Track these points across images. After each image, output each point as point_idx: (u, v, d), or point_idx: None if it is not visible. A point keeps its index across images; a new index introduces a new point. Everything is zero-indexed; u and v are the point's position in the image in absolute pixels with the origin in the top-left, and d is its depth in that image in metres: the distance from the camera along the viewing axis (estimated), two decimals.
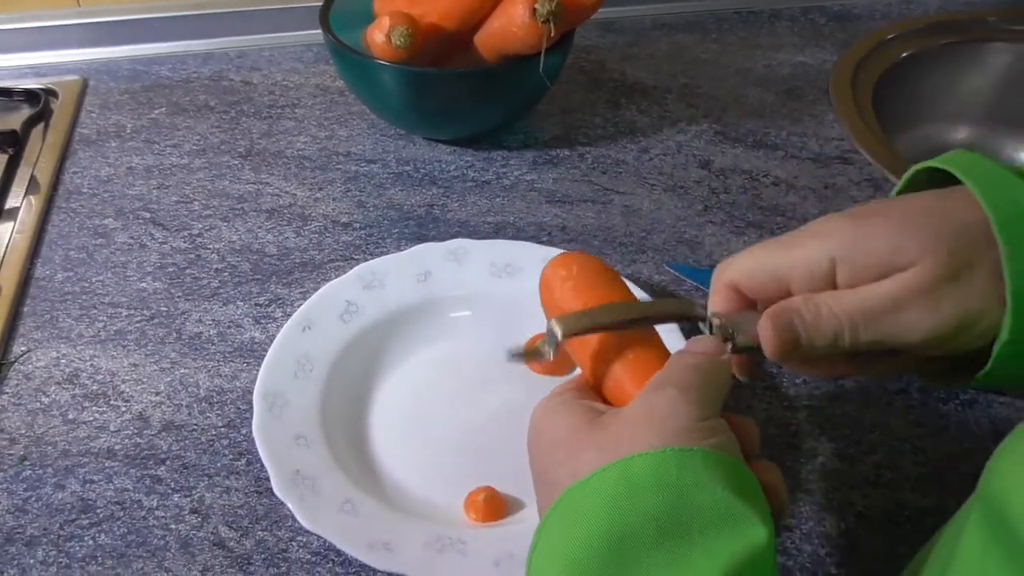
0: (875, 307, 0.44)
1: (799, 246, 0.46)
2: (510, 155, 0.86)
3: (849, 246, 0.45)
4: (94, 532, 0.58)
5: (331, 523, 0.55)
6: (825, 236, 0.45)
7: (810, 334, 0.45)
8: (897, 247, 0.44)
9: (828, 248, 0.45)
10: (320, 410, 0.61)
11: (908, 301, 0.43)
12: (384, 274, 0.69)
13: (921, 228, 0.44)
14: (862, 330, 0.44)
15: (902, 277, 0.43)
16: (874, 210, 0.46)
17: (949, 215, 0.44)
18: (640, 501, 0.39)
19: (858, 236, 0.45)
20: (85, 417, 0.64)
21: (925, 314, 0.43)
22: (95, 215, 0.79)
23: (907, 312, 0.43)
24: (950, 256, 0.43)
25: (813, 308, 0.45)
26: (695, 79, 0.96)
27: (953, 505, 0.59)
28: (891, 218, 0.45)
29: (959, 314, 0.43)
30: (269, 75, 0.95)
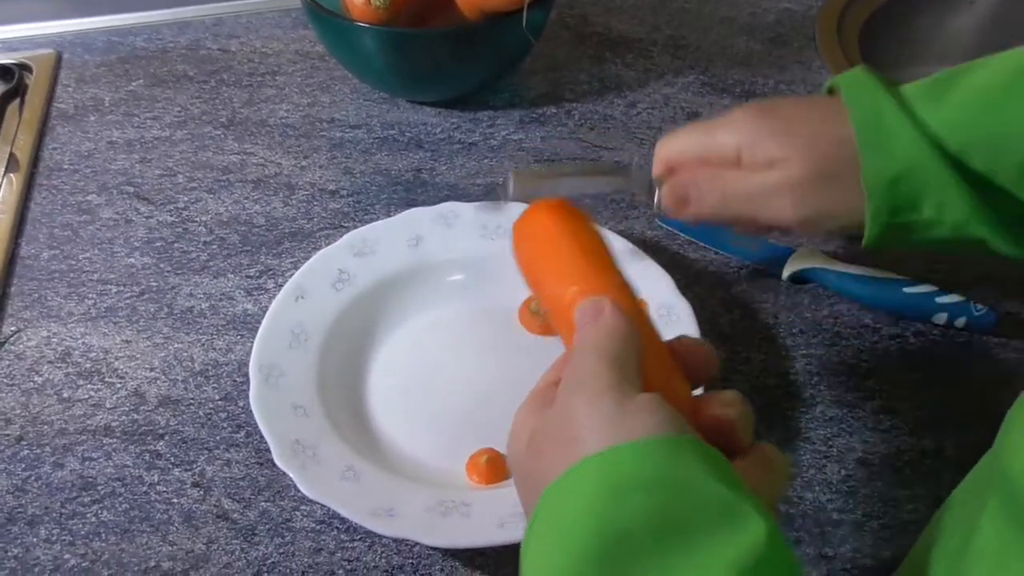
0: (754, 190, 0.54)
1: (715, 133, 0.56)
2: (496, 115, 0.85)
3: (750, 138, 0.54)
4: (96, 509, 0.57)
5: (333, 491, 0.55)
6: (734, 127, 0.55)
7: (698, 201, 0.56)
8: (782, 145, 0.53)
9: (735, 138, 0.54)
10: (317, 379, 0.61)
11: (776, 191, 0.53)
12: (375, 241, 0.68)
13: (805, 133, 0.53)
14: (739, 207, 0.55)
15: (780, 171, 0.53)
16: (776, 109, 0.55)
17: (831, 127, 0.52)
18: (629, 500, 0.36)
19: (757, 130, 0.54)
20: (80, 395, 0.63)
21: (788, 205, 0.53)
22: (78, 191, 0.78)
23: (775, 200, 0.53)
24: (819, 161, 0.52)
25: (708, 179, 0.55)
26: (680, 30, 0.95)
27: (950, 447, 0.60)
28: (785, 119, 0.54)
29: (818, 209, 0.53)
30: (247, 42, 0.94)
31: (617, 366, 0.39)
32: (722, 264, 0.71)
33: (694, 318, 0.62)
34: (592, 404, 0.38)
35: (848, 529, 0.56)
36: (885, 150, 0.51)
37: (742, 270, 0.71)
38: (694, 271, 0.71)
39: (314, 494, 0.54)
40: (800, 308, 0.68)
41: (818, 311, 0.68)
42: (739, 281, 0.70)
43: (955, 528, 0.39)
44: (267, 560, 0.55)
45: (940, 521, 0.43)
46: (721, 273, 0.71)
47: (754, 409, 0.62)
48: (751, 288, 0.70)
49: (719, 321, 0.67)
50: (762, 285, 0.70)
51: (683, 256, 0.72)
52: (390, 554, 0.56)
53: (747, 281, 0.70)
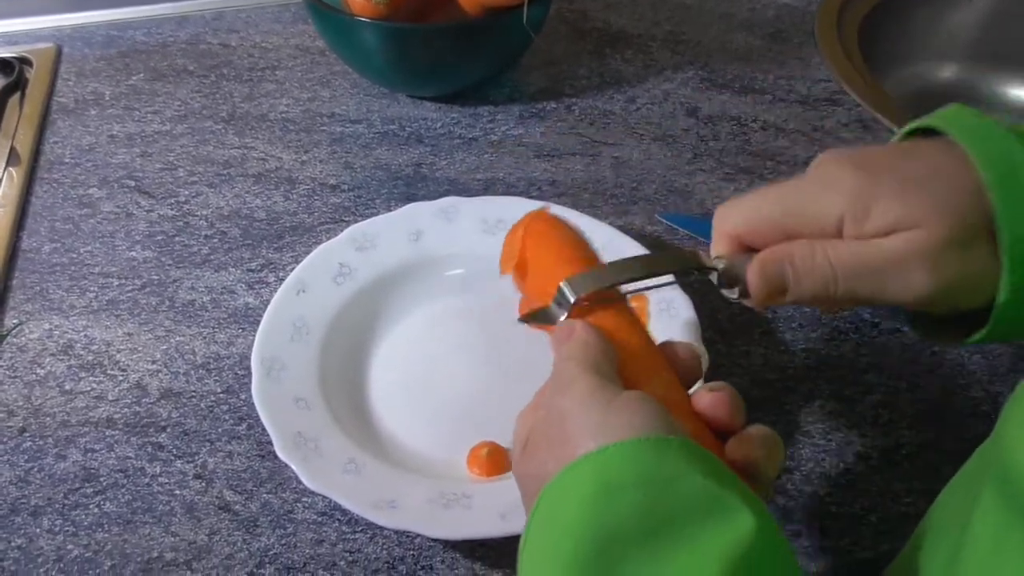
0: (874, 262, 0.43)
1: (807, 197, 0.45)
2: (496, 110, 0.85)
3: (859, 201, 0.43)
4: (99, 500, 0.58)
5: (335, 483, 0.55)
6: (835, 189, 0.44)
7: (800, 282, 0.45)
8: (904, 208, 0.43)
9: (838, 202, 0.44)
10: (319, 372, 0.61)
11: (910, 261, 0.43)
12: (375, 235, 0.69)
13: (929, 189, 0.43)
14: (855, 283, 0.44)
15: (907, 236, 0.43)
16: (882, 164, 0.45)
17: (957, 183, 0.43)
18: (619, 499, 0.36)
19: (868, 192, 0.43)
20: (82, 387, 0.63)
21: (925, 276, 0.43)
22: (79, 185, 0.78)
23: (907, 272, 0.43)
24: (955, 223, 0.42)
25: (808, 255, 0.44)
26: (679, 25, 0.95)
27: (948, 440, 0.61)
28: (900, 176, 0.44)
29: (960, 278, 0.43)
30: (247, 37, 0.94)
31: (595, 371, 0.42)
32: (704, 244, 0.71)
33: (694, 312, 0.63)
34: (581, 404, 0.40)
35: (847, 522, 0.57)
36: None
37: None
38: None
39: (316, 486, 0.54)
40: None
41: None
42: None
43: (952, 518, 0.39)
44: (269, 551, 0.56)
45: (936, 511, 0.44)
46: None
47: (753, 402, 0.63)
48: None
49: (718, 315, 0.68)
50: None
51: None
52: (391, 546, 0.56)
53: None
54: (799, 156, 0.80)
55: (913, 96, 0.98)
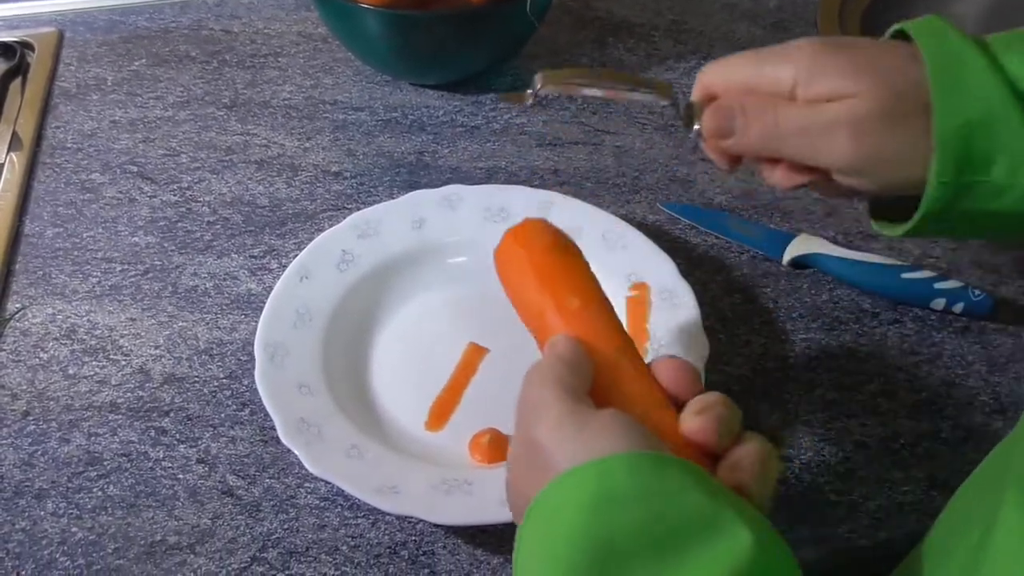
0: (804, 123, 0.49)
1: (769, 63, 0.50)
2: (498, 98, 0.85)
3: (810, 70, 0.49)
4: (102, 484, 0.58)
5: (338, 468, 0.55)
6: (792, 58, 0.49)
7: (746, 129, 0.50)
8: (847, 80, 0.47)
9: (791, 69, 0.49)
10: (322, 358, 0.61)
11: (835, 127, 0.48)
12: (378, 222, 0.69)
13: (873, 69, 0.48)
14: (793, 142, 0.49)
15: (841, 103, 0.47)
16: (840, 44, 0.50)
17: (902, 68, 0.47)
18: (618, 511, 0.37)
19: (819, 63, 0.49)
20: (85, 372, 0.64)
21: (846, 143, 0.47)
22: (81, 170, 0.78)
23: (832, 136, 0.48)
24: (888, 99, 0.47)
25: (759, 107, 0.50)
26: (682, 15, 0.95)
27: (947, 430, 0.61)
28: (852, 53, 0.49)
29: (879, 151, 0.48)
30: (250, 23, 0.94)
31: (564, 392, 0.42)
32: (723, 249, 0.72)
33: (695, 302, 0.63)
34: (552, 434, 0.40)
35: (845, 511, 0.57)
36: (962, 93, 0.46)
37: (743, 255, 0.71)
38: (695, 255, 0.71)
39: (319, 471, 0.55)
40: (800, 293, 0.69)
41: (818, 296, 0.69)
42: (740, 266, 0.71)
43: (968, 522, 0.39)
44: (271, 536, 0.56)
45: (950, 514, 0.43)
46: (722, 258, 0.71)
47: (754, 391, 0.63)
48: (752, 273, 0.70)
49: (720, 305, 0.68)
50: (763, 270, 0.70)
51: (684, 240, 0.72)
52: (393, 531, 0.56)
53: (748, 266, 0.71)
54: None
55: None
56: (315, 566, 0.55)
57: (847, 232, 0.72)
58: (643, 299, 0.64)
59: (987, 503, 0.37)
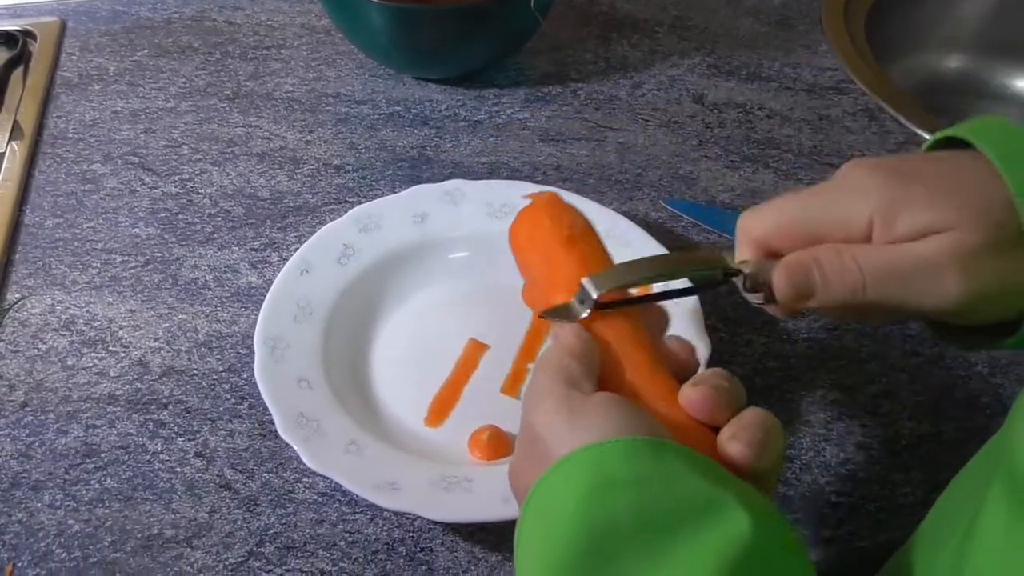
0: (905, 266, 0.41)
1: (833, 201, 0.44)
2: (502, 93, 0.85)
3: (888, 205, 0.42)
4: (100, 476, 0.58)
5: (337, 464, 0.55)
6: (862, 193, 0.43)
7: (828, 286, 0.43)
8: (938, 213, 0.41)
9: (868, 207, 0.42)
10: (322, 353, 0.61)
11: (943, 264, 0.41)
12: (380, 216, 0.68)
13: (959, 195, 0.41)
14: (885, 288, 0.42)
15: (940, 239, 0.41)
16: (911, 170, 0.43)
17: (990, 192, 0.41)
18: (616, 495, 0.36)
19: (897, 196, 0.42)
20: (84, 363, 0.63)
21: (958, 280, 0.41)
22: (82, 160, 0.78)
23: (940, 275, 0.41)
24: (989, 228, 0.41)
25: (836, 258, 0.43)
26: (686, 11, 0.95)
27: (948, 431, 0.61)
28: (930, 181, 0.42)
29: (994, 286, 0.41)
30: (253, 15, 0.93)
31: (564, 380, 0.41)
32: (726, 246, 0.71)
33: (698, 300, 0.63)
34: (547, 420, 0.40)
35: (846, 511, 0.57)
36: None
37: None
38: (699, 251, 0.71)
39: (318, 466, 0.54)
40: None
41: None
42: None
43: (958, 513, 0.39)
44: (269, 530, 0.56)
45: (942, 506, 0.43)
46: None
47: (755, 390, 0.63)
48: None
49: (722, 303, 0.68)
50: None
51: (687, 238, 0.72)
52: (391, 527, 0.56)
53: None
54: (804, 145, 0.80)
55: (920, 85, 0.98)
56: (312, 561, 0.54)
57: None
58: None
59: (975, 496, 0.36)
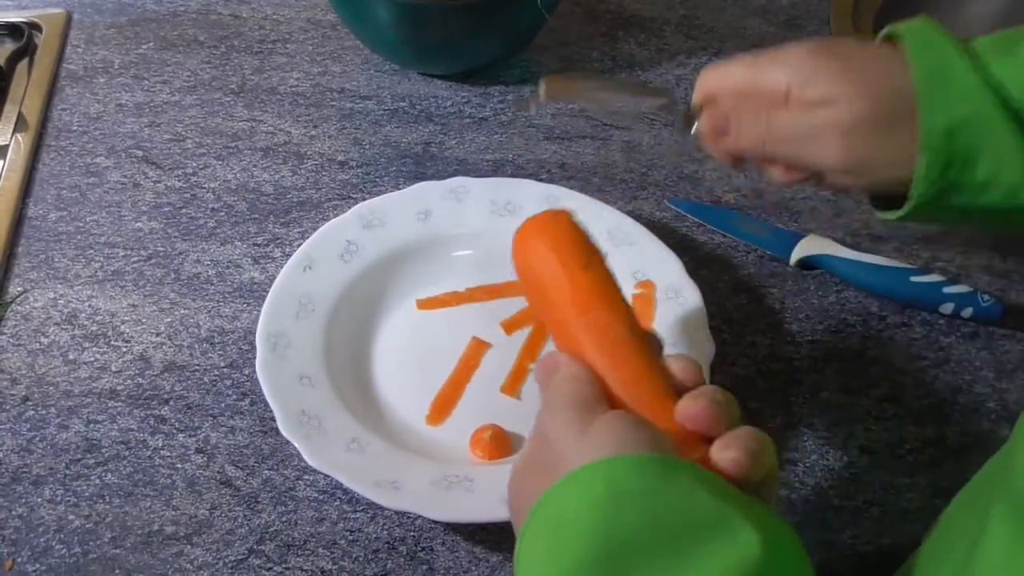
0: (795, 128, 0.51)
1: (764, 66, 0.53)
2: (507, 90, 0.84)
3: (802, 74, 0.51)
4: (100, 471, 0.58)
5: (338, 462, 0.55)
6: (786, 63, 0.52)
7: (739, 132, 0.54)
8: (836, 85, 0.49)
9: (786, 72, 0.51)
10: (324, 350, 0.61)
11: (824, 132, 0.50)
12: (384, 213, 0.68)
13: (862, 75, 0.50)
14: (784, 144, 0.52)
15: (829, 108, 0.50)
16: (833, 48, 0.52)
17: (891, 73, 0.49)
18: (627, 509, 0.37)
19: (811, 67, 0.51)
20: (86, 358, 0.63)
21: (834, 147, 0.50)
22: (86, 153, 0.77)
23: (821, 141, 0.50)
24: (875, 103, 0.49)
25: (751, 115, 0.53)
26: (693, 10, 0.94)
27: (953, 436, 0.60)
28: (843, 60, 0.50)
29: (866, 156, 0.50)
30: (258, 9, 0.93)
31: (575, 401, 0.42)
32: (730, 248, 0.71)
33: (702, 301, 0.62)
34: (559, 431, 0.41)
35: (849, 516, 0.57)
36: (946, 96, 0.48)
37: (750, 254, 0.71)
38: (702, 254, 0.71)
39: (319, 464, 0.54)
40: (807, 294, 0.68)
41: (825, 297, 0.68)
42: (747, 265, 0.70)
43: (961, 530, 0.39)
44: (269, 528, 0.56)
45: (946, 523, 0.43)
46: (729, 257, 0.71)
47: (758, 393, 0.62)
48: (759, 273, 0.70)
49: (726, 304, 0.67)
50: (770, 270, 0.70)
51: (692, 239, 0.72)
52: (392, 526, 0.56)
53: (755, 266, 0.70)
54: None
55: None
56: (312, 559, 0.54)
57: (856, 233, 0.72)
58: (649, 297, 0.63)
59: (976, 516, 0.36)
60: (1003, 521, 0.33)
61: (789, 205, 0.74)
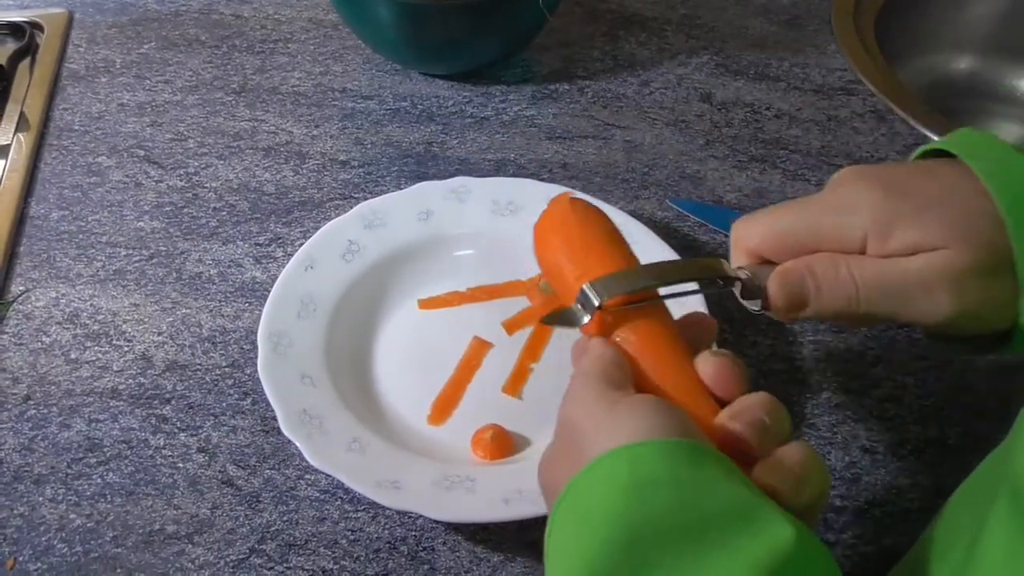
0: (898, 281, 0.43)
1: (828, 213, 0.44)
2: (509, 90, 0.84)
3: (882, 219, 0.43)
4: (102, 471, 0.58)
5: (339, 461, 0.55)
6: (857, 206, 0.44)
7: (822, 295, 0.44)
8: (932, 232, 0.42)
9: (860, 219, 0.43)
10: (325, 349, 0.61)
11: (934, 282, 0.42)
12: (385, 213, 0.68)
13: (950, 212, 0.42)
14: (878, 300, 0.43)
15: (931, 256, 0.42)
16: (903, 183, 0.44)
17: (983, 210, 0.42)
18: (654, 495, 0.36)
19: (891, 210, 0.43)
20: (87, 357, 0.63)
21: (948, 298, 0.42)
22: (88, 153, 0.78)
23: (931, 292, 0.42)
24: (982, 250, 0.42)
25: (831, 268, 0.44)
26: (695, 10, 0.94)
27: (954, 436, 0.60)
28: (921, 196, 0.43)
29: (983, 304, 0.43)
30: (260, 8, 0.93)
31: (605, 381, 0.41)
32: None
33: (703, 300, 0.62)
34: (587, 412, 0.41)
35: (851, 516, 0.57)
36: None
37: None
38: (704, 253, 0.71)
39: (320, 464, 0.54)
40: None
41: None
42: None
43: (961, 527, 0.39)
44: (271, 527, 0.56)
45: (944, 518, 0.43)
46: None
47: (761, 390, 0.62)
48: None
49: (727, 304, 0.67)
50: None
51: (693, 238, 0.72)
52: (393, 526, 0.56)
53: None
54: (812, 145, 0.80)
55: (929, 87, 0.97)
56: (314, 559, 0.54)
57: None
58: None
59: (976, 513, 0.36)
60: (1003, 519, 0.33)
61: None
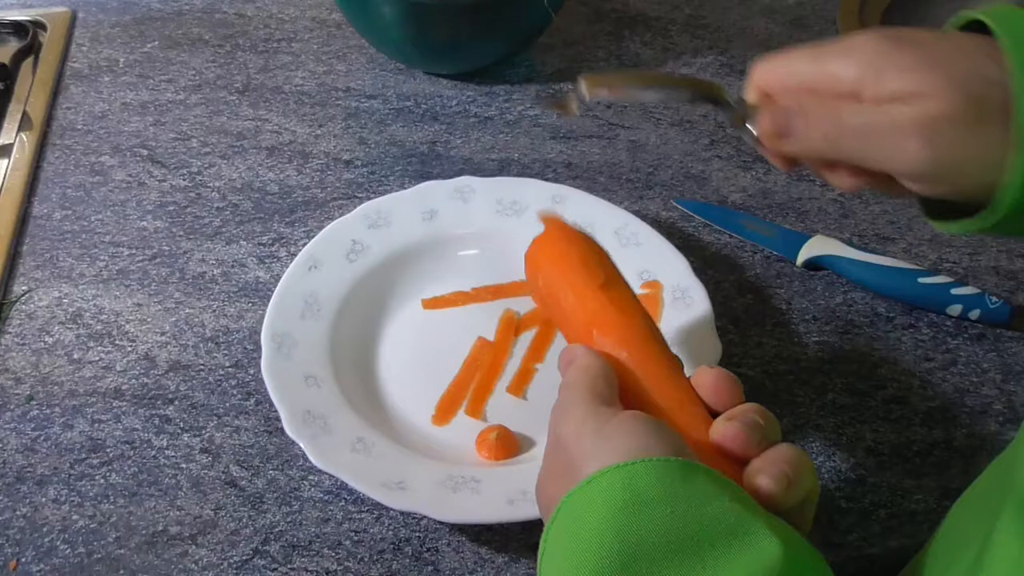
0: (871, 125, 0.44)
1: (830, 59, 0.46)
2: (513, 89, 0.84)
3: (876, 67, 0.44)
4: (105, 471, 0.57)
5: (343, 462, 0.54)
6: (855, 54, 0.45)
7: (806, 130, 0.45)
8: (917, 78, 0.43)
9: (855, 66, 0.44)
10: (329, 350, 0.61)
11: (905, 129, 0.43)
12: (389, 213, 0.68)
13: (946, 67, 0.43)
14: (856, 144, 0.44)
15: (912, 104, 0.43)
16: (907, 38, 0.45)
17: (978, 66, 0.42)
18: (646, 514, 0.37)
19: (885, 60, 0.44)
20: (90, 357, 0.63)
21: (916, 147, 0.43)
22: (91, 152, 0.77)
23: (901, 139, 0.43)
24: (963, 99, 0.42)
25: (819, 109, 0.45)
26: (699, 9, 0.94)
27: (960, 438, 0.60)
28: (921, 49, 0.44)
29: (951, 156, 0.43)
30: (264, 7, 0.93)
31: (592, 396, 0.42)
32: (737, 248, 0.71)
33: (708, 301, 0.62)
34: (576, 432, 0.41)
35: (855, 517, 0.56)
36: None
37: (757, 255, 0.71)
38: (709, 254, 0.70)
39: (324, 464, 0.54)
40: (814, 295, 0.68)
41: (832, 298, 0.68)
42: (753, 266, 0.70)
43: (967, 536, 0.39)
44: (274, 528, 0.55)
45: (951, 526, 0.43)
46: (736, 257, 0.70)
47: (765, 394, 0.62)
48: (765, 273, 0.69)
49: (732, 305, 0.67)
50: (776, 270, 0.70)
51: (698, 239, 0.72)
52: (397, 527, 0.56)
53: (761, 266, 0.70)
54: None
55: None
56: (317, 560, 0.54)
57: (863, 234, 0.71)
58: (655, 297, 0.63)
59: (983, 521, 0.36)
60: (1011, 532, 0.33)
61: (796, 205, 0.74)
